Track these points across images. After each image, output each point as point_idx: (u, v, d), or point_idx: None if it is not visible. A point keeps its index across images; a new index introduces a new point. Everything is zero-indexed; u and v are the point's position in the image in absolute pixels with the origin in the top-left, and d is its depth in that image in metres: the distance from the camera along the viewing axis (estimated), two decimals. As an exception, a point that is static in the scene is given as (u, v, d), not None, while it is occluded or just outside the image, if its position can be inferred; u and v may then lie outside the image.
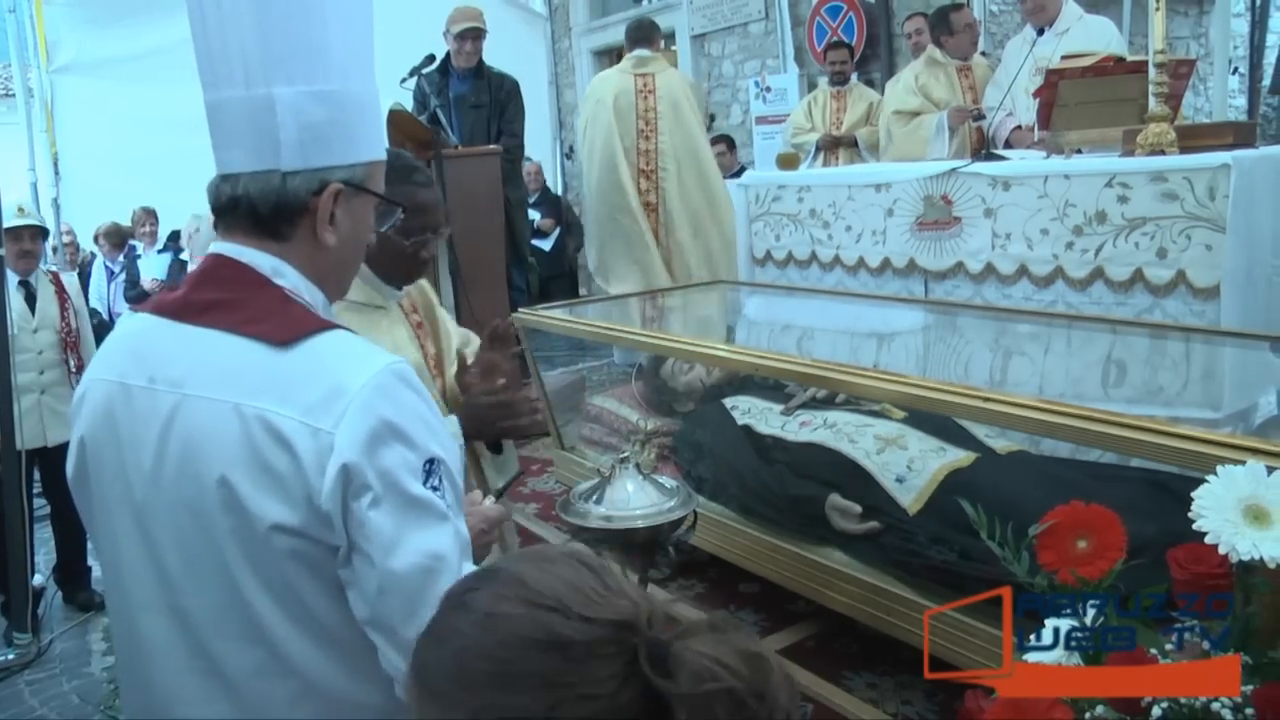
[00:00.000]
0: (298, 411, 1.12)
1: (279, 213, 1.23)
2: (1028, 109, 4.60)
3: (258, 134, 1.21)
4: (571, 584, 0.86)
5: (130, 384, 1.22)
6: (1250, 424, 2.27)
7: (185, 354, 1.19)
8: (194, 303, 1.23)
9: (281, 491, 1.12)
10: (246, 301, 1.20)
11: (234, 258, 1.24)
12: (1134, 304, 3.21)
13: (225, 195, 1.24)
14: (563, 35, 10.36)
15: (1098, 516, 1.25)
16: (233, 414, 1.13)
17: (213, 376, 1.17)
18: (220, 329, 1.19)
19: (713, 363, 3.00)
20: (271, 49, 1.21)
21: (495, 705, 0.83)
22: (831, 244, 4.20)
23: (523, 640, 0.84)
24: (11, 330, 3.63)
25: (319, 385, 1.13)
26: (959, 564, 2.10)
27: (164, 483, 1.18)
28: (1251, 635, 1.09)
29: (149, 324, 1.27)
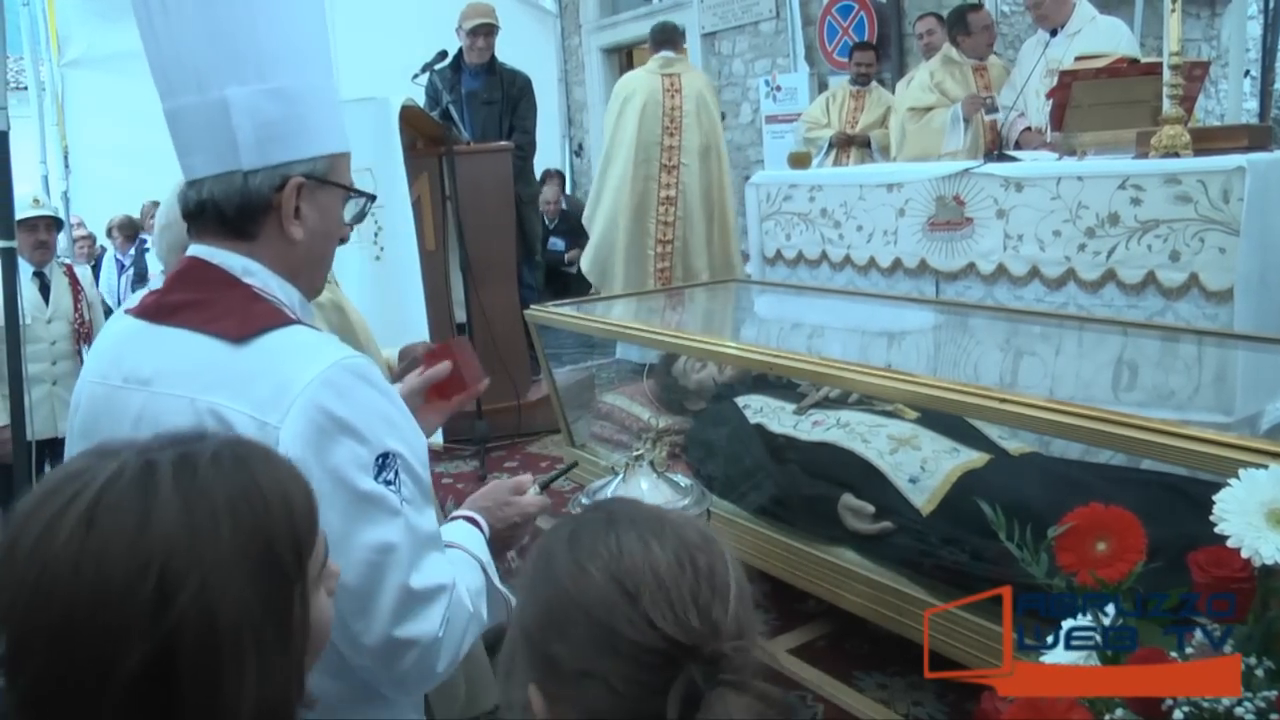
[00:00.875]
0: (247, 406, 1.13)
1: (244, 212, 1.24)
2: (1039, 110, 4.59)
3: (215, 137, 1.23)
4: (662, 578, 0.85)
5: (109, 384, 1.25)
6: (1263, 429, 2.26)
7: (155, 353, 1.22)
8: (165, 304, 1.25)
9: None
10: (213, 301, 1.22)
11: (205, 259, 1.26)
12: (1146, 306, 3.20)
13: (193, 200, 1.26)
14: (573, 33, 10.36)
15: (1117, 519, 1.24)
16: (189, 408, 1.15)
17: (175, 374, 1.19)
18: (186, 328, 1.21)
19: (726, 361, 3.00)
20: (219, 52, 1.21)
21: (546, 637, 0.87)
22: (842, 244, 4.20)
23: (585, 607, 0.85)
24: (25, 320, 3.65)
25: (269, 380, 1.15)
26: (972, 565, 2.10)
27: None
28: (1274, 639, 1.08)
29: (129, 326, 1.29)
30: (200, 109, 1.23)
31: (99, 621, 0.74)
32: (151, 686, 0.74)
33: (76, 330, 4.14)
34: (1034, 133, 4.69)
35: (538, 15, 10.16)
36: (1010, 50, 6.32)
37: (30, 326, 3.83)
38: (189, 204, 1.27)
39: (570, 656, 0.85)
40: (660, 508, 0.97)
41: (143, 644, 0.73)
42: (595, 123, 10.16)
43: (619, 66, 10.17)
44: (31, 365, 3.69)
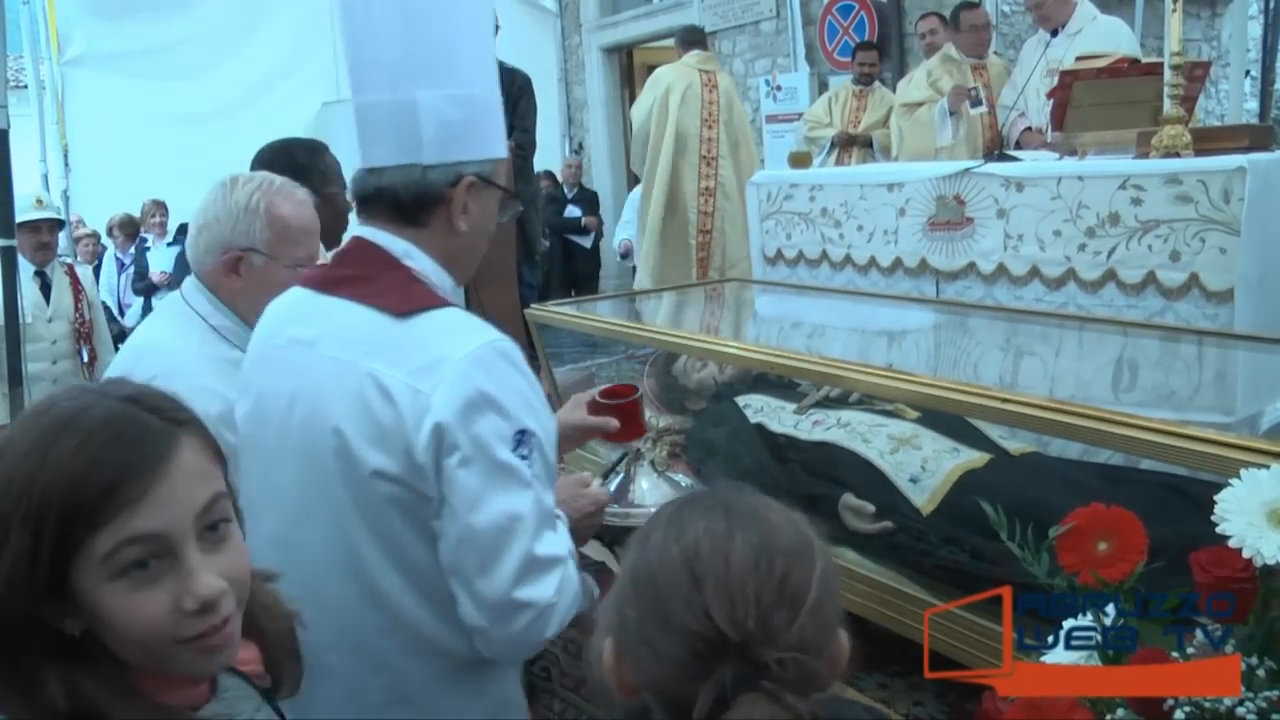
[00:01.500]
0: (404, 373, 1.28)
1: (419, 201, 1.39)
2: (1040, 110, 4.59)
3: (401, 132, 1.37)
4: (731, 572, 0.87)
5: (273, 344, 1.42)
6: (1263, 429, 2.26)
7: (319, 319, 1.38)
8: (331, 277, 1.42)
9: (385, 442, 1.27)
10: (375, 278, 1.37)
11: (371, 240, 1.41)
12: (1146, 307, 3.20)
13: (371, 186, 1.41)
14: (573, 32, 10.36)
15: (1118, 519, 1.24)
16: (350, 371, 1.30)
17: (339, 339, 1.34)
18: (350, 299, 1.36)
19: (727, 360, 3.00)
20: (413, 58, 1.36)
21: (624, 598, 0.92)
22: (843, 243, 4.20)
23: (657, 580, 0.89)
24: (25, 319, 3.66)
25: (426, 352, 1.29)
26: (972, 564, 2.10)
27: (290, 431, 1.35)
28: (1275, 640, 1.08)
29: (297, 295, 1.46)
30: (391, 106, 1.37)
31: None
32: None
33: (77, 330, 4.15)
34: (1035, 133, 4.69)
35: (538, 14, 10.16)
36: (1011, 50, 6.32)
37: (31, 325, 3.84)
38: (366, 189, 1.41)
39: (637, 623, 0.89)
40: (772, 504, 0.97)
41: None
42: (595, 122, 10.16)
43: (619, 66, 10.17)
44: (31, 364, 3.70)
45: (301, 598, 1.20)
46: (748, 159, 5.92)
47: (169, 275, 6.90)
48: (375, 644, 1.36)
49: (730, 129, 5.87)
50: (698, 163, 5.80)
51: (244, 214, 1.83)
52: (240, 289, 1.85)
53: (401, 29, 1.35)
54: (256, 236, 1.84)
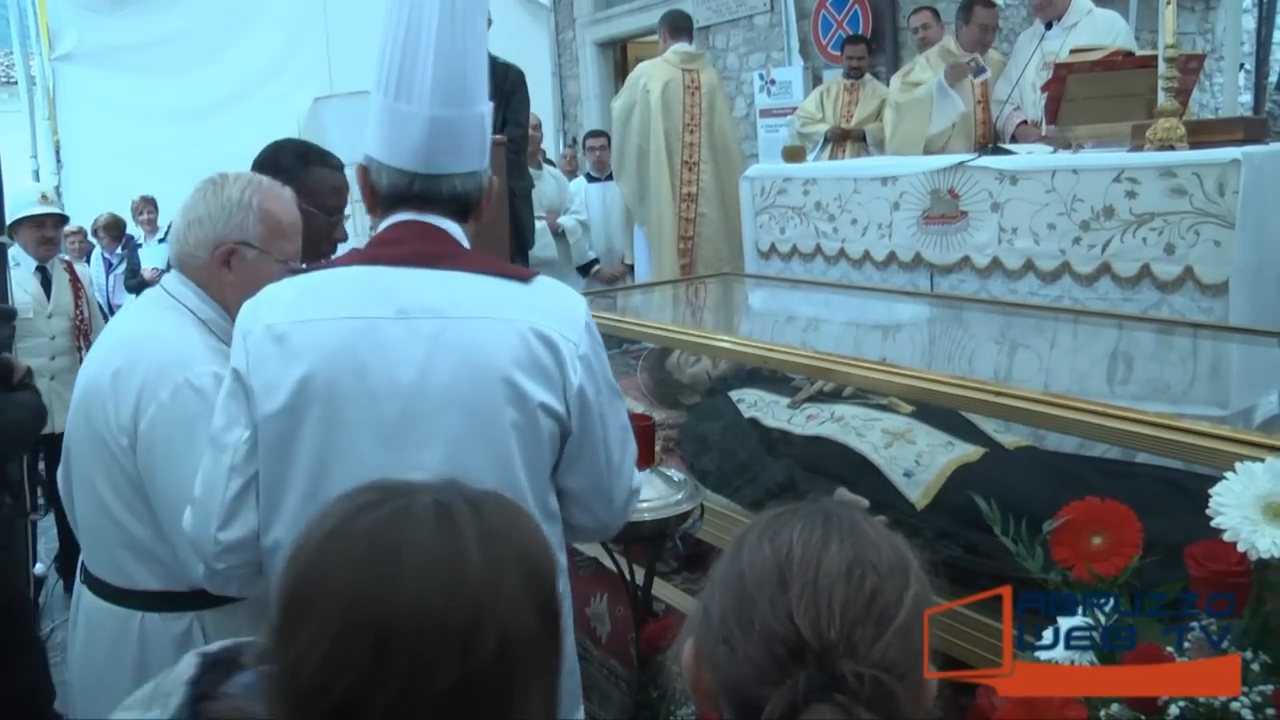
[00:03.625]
0: (554, 323, 1.50)
1: (476, 201, 1.58)
2: (1035, 104, 4.58)
3: (473, 142, 1.55)
4: (821, 580, 0.87)
5: (373, 317, 1.46)
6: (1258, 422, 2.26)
7: (435, 289, 1.49)
8: (424, 253, 1.52)
9: (548, 382, 1.48)
10: (471, 255, 1.55)
11: (437, 225, 1.54)
12: (1141, 300, 3.19)
13: (445, 190, 1.54)
14: (566, 26, 10.33)
15: (1113, 512, 1.24)
16: (507, 326, 1.47)
17: (479, 302, 1.49)
18: (465, 271, 1.52)
19: (721, 355, 2.99)
20: (477, 75, 1.54)
21: (711, 592, 0.93)
22: (837, 237, 4.19)
23: (745, 577, 0.89)
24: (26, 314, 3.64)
25: (559, 306, 1.54)
26: (967, 559, 2.10)
27: (431, 391, 1.45)
28: (1270, 634, 1.08)
29: (369, 273, 1.52)
30: (465, 120, 1.53)
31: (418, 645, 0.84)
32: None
33: (76, 326, 4.14)
34: (1030, 126, 4.68)
35: (532, 9, 10.14)
36: (1005, 44, 6.31)
37: (30, 320, 3.82)
38: (439, 191, 1.54)
39: (719, 620, 0.89)
40: (873, 521, 0.97)
41: (451, 672, 0.84)
42: (589, 116, 10.14)
43: (613, 60, 10.15)
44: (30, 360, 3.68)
45: None
46: (728, 164, 5.72)
47: (161, 271, 6.89)
48: None
49: (712, 132, 5.70)
50: (679, 168, 5.67)
51: (237, 209, 1.86)
52: (231, 281, 1.87)
53: (472, 46, 1.52)
54: (249, 231, 1.86)
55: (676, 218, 5.68)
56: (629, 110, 5.70)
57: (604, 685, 2.68)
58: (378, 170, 1.55)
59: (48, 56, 7.78)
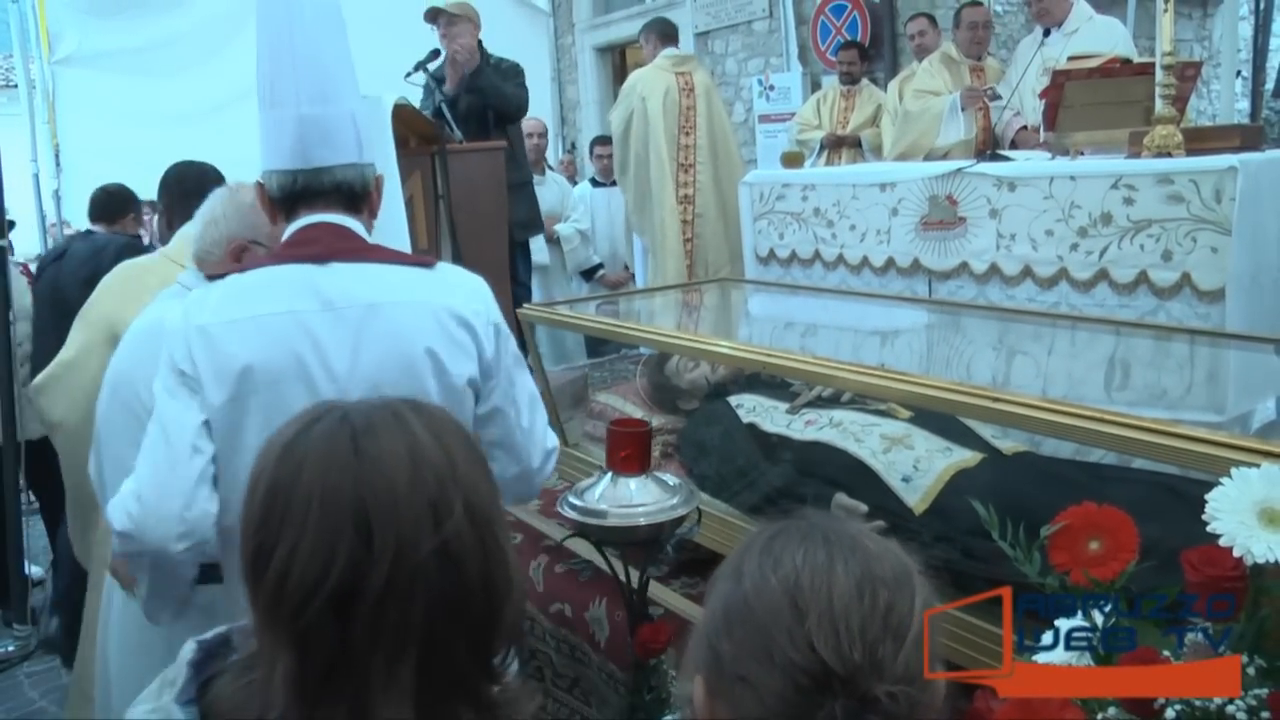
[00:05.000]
0: (462, 300, 1.67)
1: (362, 193, 1.70)
2: (1035, 109, 4.59)
3: (345, 138, 1.66)
4: (834, 604, 0.85)
5: (302, 311, 1.58)
6: (1254, 428, 2.27)
7: (357, 281, 1.62)
8: (336, 249, 1.64)
9: (464, 353, 1.65)
10: (374, 248, 1.69)
11: (342, 224, 1.67)
12: (1138, 306, 3.21)
13: (327, 182, 1.66)
14: (565, 31, 10.34)
15: (1110, 517, 1.25)
16: (424, 309, 1.63)
17: (395, 290, 1.63)
18: (378, 263, 1.66)
19: (720, 360, 3.00)
20: (343, 75, 1.68)
21: (718, 632, 0.91)
22: (835, 243, 4.20)
23: (756, 612, 0.88)
24: None
25: (463, 287, 1.70)
26: (965, 564, 2.10)
27: (361, 375, 1.57)
28: (1265, 638, 1.09)
29: (292, 271, 1.63)
30: (334, 116, 1.65)
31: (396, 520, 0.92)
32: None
33: None
34: (1030, 132, 4.69)
35: (530, 14, 10.13)
36: (1004, 50, 6.33)
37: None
38: (320, 183, 1.66)
39: (731, 657, 0.87)
40: (867, 531, 0.96)
41: (430, 540, 0.92)
42: (588, 122, 10.14)
43: (612, 65, 10.16)
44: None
45: None
46: (728, 163, 5.74)
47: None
48: None
49: (711, 134, 5.73)
50: (675, 171, 5.69)
51: (250, 211, 2.04)
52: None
53: (329, 48, 1.66)
54: (261, 231, 2.05)
55: (679, 222, 5.68)
56: (627, 120, 5.69)
57: (602, 689, 2.68)
58: (267, 178, 1.68)
59: (48, 60, 7.78)
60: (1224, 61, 6.13)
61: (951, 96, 5.08)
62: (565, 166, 8.74)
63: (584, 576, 2.75)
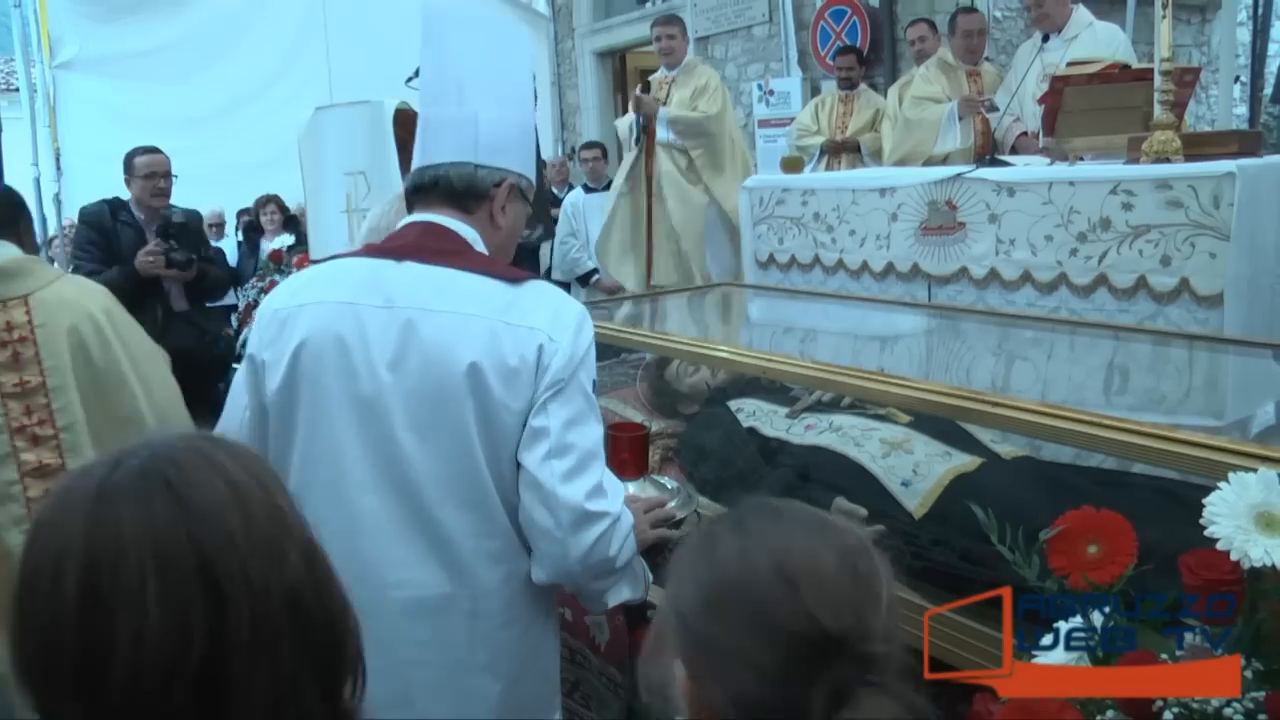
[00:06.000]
0: (531, 320, 1.55)
1: (469, 190, 1.65)
2: (1034, 115, 4.60)
3: (462, 137, 1.64)
4: (824, 576, 0.89)
5: (360, 304, 1.57)
6: (1253, 433, 2.28)
7: (423, 282, 1.58)
8: (424, 248, 1.61)
9: (512, 378, 1.52)
10: (470, 253, 1.63)
11: (444, 224, 1.64)
12: (1137, 311, 3.21)
13: (428, 176, 1.66)
14: (566, 36, 10.37)
15: (1108, 521, 1.26)
16: (482, 323, 1.53)
17: (459, 299, 1.56)
18: (456, 268, 1.59)
19: (719, 365, 3.00)
20: (481, 81, 1.66)
21: (703, 618, 0.91)
22: (835, 248, 4.20)
23: (748, 592, 0.90)
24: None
25: (545, 308, 1.59)
26: (964, 568, 2.11)
27: (404, 377, 1.53)
28: (1262, 641, 1.09)
29: (368, 264, 1.64)
30: (457, 118, 1.64)
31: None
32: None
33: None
34: (1030, 137, 4.70)
35: (531, 18, 10.15)
36: (1003, 55, 6.34)
37: None
38: (424, 179, 1.67)
39: (725, 638, 0.89)
40: (822, 512, 1.02)
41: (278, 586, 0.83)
42: (588, 126, 10.17)
43: (612, 70, 10.18)
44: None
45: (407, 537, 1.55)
46: (732, 168, 5.72)
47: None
48: (486, 572, 1.58)
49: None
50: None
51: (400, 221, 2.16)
52: None
53: (475, 60, 1.66)
54: None
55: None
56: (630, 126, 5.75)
57: (602, 693, 2.69)
58: None
59: (49, 64, 7.79)
60: (1222, 67, 6.15)
61: (950, 105, 5.10)
62: (558, 170, 8.73)
63: (584, 580, 2.75)
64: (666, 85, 5.70)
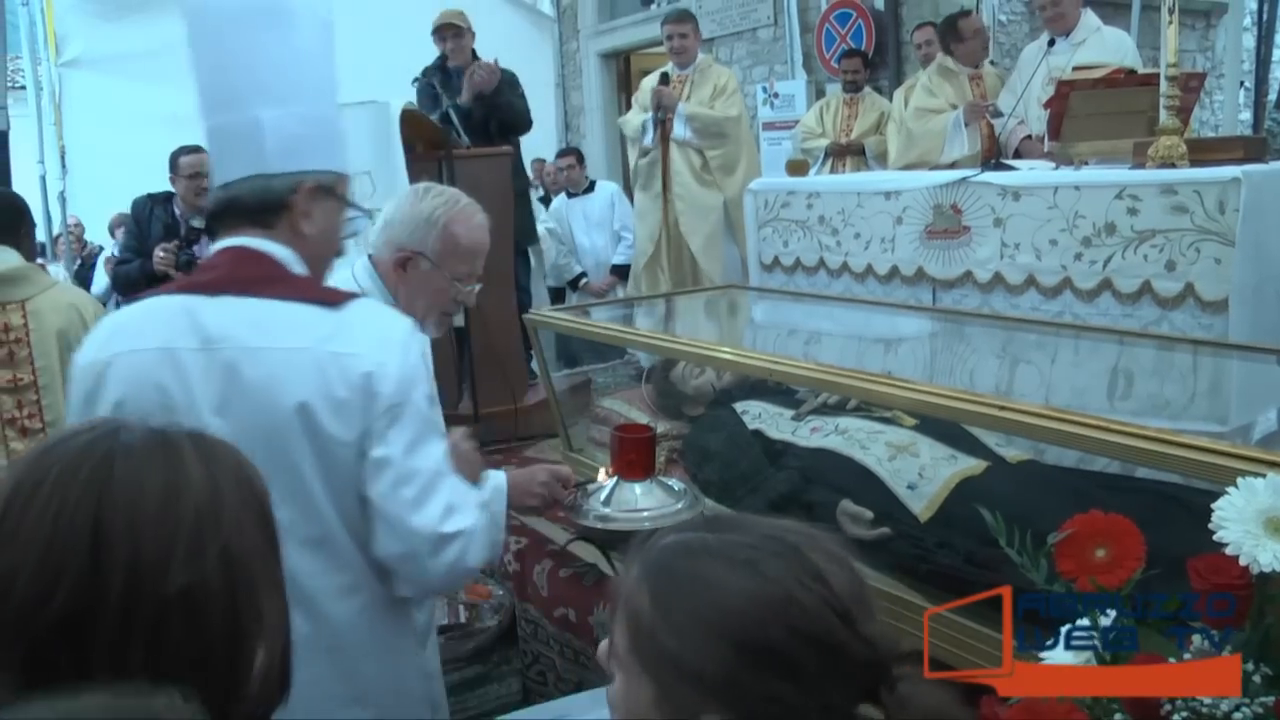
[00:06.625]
0: (358, 347, 1.48)
1: (264, 205, 1.54)
2: (1039, 119, 4.61)
3: (247, 148, 1.52)
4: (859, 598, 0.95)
5: (177, 348, 1.47)
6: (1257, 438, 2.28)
7: (241, 318, 1.48)
8: (237, 279, 1.51)
9: (344, 410, 1.46)
10: (283, 279, 1.53)
11: (253, 247, 1.53)
12: (1141, 316, 3.22)
13: (221, 200, 1.55)
14: (570, 37, 10.37)
15: (1116, 525, 1.26)
16: (307, 357, 1.46)
17: (280, 333, 1.47)
18: (272, 298, 1.49)
19: (725, 367, 3.01)
20: (255, 81, 1.52)
21: (758, 676, 0.90)
22: (840, 251, 4.21)
23: (812, 638, 0.91)
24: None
25: (371, 332, 1.51)
26: (969, 571, 2.11)
27: (232, 422, 1.43)
28: (1271, 646, 1.10)
29: (179, 301, 1.52)
30: (238, 126, 1.52)
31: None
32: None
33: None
34: (1035, 141, 4.70)
35: (535, 19, 10.16)
36: (1008, 59, 6.35)
37: None
38: (217, 204, 1.55)
39: (795, 691, 0.89)
40: (791, 523, 1.02)
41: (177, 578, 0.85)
42: (593, 128, 10.17)
43: (617, 71, 10.18)
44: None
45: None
46: (743, 172, 5.67)
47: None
48: (336, 605, 1.54)
49: None
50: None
51: (424, 223, 2.06)
52: (403, 282, 2.10)
53: (246, 56, 1.52)
54: (429, 245, 2.06)
55: None
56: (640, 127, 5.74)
57: (606, 694, 2.69)
58: None
59: (54, 63, 7.80)
60: (1227, 72, 6.16)
61: (955, 113, 5.10)
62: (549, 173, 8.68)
63: (588, 581, 2.76)
64: (680, 84, 5.64)
